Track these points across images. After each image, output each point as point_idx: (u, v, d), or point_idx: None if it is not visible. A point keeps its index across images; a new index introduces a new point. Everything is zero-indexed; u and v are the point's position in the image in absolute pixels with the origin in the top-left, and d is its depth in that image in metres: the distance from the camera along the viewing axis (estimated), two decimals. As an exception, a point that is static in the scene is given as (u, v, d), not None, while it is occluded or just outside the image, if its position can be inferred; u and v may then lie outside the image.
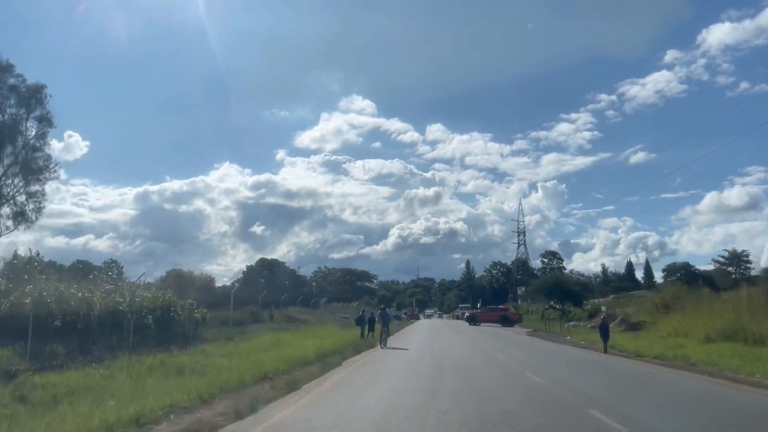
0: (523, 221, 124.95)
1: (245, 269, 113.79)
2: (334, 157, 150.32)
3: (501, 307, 62.91)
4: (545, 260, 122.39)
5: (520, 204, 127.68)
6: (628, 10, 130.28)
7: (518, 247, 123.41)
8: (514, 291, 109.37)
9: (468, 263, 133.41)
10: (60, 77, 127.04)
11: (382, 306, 32.28)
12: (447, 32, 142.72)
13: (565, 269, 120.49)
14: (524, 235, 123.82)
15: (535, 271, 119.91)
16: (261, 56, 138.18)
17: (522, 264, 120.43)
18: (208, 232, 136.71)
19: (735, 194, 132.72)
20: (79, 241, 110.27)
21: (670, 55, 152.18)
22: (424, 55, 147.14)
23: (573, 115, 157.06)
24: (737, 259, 75.49)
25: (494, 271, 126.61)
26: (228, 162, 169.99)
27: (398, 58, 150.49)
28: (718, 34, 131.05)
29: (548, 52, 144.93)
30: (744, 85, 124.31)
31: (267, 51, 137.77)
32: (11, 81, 38.33)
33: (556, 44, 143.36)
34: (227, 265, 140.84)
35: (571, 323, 41.38)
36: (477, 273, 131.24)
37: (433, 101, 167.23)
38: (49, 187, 40.72)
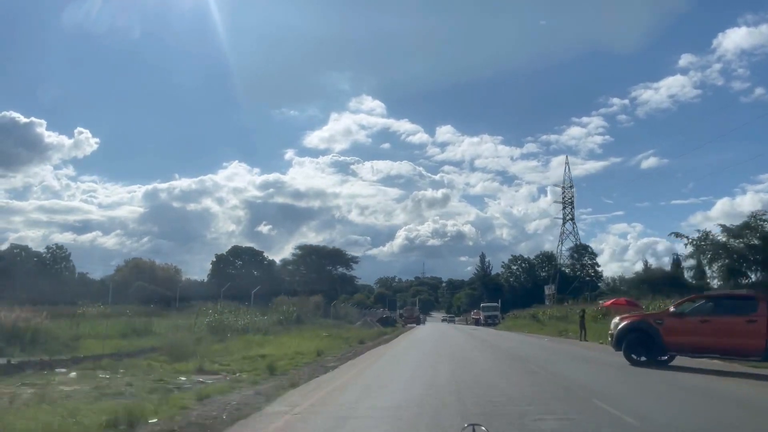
0: (571, 188, 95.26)
1: (215, 258, 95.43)
2: (343, 157, 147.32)
3: None
4: (575, 255, 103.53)
5: (567, 164, 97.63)
6: (642, 14, 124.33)
7: (564, 223, 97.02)
8: (554, 287, 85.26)
9: (483, 257, 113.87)
10: (70, 74, 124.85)
11: None
12: (459, 33, 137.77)
13: (599, 266, 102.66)
14: (572, 208, 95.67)
15: (562, 268, 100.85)
16: (271, 55, 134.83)
17: (548, 258, 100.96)
18: (215, 231, 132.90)
19: (747, 201, 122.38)
20: (87, 237, 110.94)
21: (685, 60, 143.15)
22: (436, 57, 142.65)
23: (585, 119, 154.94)
24: None
25: (513, 267, 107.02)
26: (237, 161, 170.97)
27: (409, 59, 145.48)
28: (735, 38, 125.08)
29: (560, 55, 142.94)
30: (759, 90, 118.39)
31: (277, 50, 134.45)
32: None
33: (568, 47, 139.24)
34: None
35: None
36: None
37: (444, 103, 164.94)
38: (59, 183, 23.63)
